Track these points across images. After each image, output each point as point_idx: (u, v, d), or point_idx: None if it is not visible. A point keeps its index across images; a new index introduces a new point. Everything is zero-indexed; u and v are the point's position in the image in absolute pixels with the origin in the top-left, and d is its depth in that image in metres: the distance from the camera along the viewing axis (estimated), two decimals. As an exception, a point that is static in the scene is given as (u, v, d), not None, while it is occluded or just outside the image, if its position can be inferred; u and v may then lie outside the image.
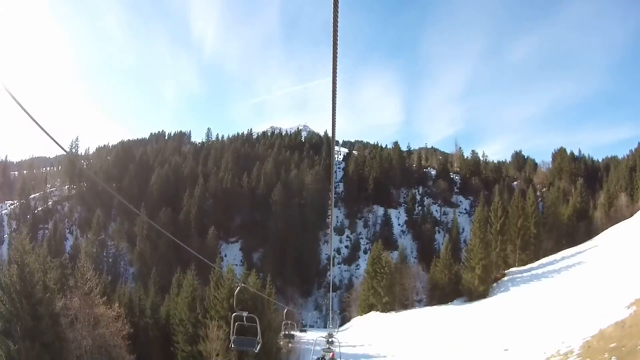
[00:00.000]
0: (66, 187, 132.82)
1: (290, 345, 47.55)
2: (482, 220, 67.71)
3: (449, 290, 65.71)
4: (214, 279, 39.30)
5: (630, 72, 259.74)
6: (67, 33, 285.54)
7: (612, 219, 75.23)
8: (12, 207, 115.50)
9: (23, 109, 3.92)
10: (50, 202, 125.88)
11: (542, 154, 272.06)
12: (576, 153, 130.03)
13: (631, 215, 71.52)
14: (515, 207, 73.48)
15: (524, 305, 49.17)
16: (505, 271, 67.74)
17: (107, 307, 30.07)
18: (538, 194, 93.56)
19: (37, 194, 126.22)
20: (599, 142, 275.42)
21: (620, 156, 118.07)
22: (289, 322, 27.39)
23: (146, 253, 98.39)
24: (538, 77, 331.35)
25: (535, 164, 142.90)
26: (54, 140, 4.55)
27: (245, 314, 13.72)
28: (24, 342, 22.12)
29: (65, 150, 5.04)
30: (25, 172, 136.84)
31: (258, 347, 14.10)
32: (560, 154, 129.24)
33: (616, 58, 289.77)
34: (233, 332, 13.93)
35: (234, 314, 13.97)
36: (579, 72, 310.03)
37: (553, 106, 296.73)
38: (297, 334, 47.86)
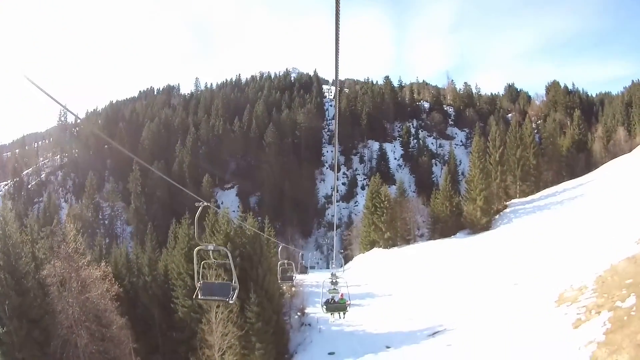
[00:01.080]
0: (58, 157, 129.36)
1: (293, 289, 47.02)
2: (480, 150, 66.62)
3: (451, 223, 65.27)
4: (209, 225, 37.94)
5: (623, 10, 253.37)
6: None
7: (611, 152, 75.40)
8: (6, 187, 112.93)
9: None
10: (43, 175, 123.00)
11: (535, 89, 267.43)
12: (570, 87, 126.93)
13: (630, 150, 70.67)
14: (513, 137, 72.43)
15: (528, 238, 48.71)
16: (507, 203, 67.33)
17: (94, 268, 28.38)
18: (534, 126, 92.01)
19: (29, 169, 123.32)
20: (590, 79, 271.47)
21: (613, 93, 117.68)
22: (286, 261, 25.10)
23: (142, 210, 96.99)
24: (530, 8, 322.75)
25: (529, 97, 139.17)
26: (50, 96, 4.42)
27: (211, 246, 9.75)
28: (12, 322, 20.83)
29: (61, 104, 4.93)
30: (17, 150, 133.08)
31: (234, 295, 9.88)
32: (554, 87, 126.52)
33: None
34: (199, 277, 9.99)
35: (196, 249, 9.96)
36: (572, 6, 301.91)
37: (545, 41, 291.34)
38: (298, 276, 47.19)
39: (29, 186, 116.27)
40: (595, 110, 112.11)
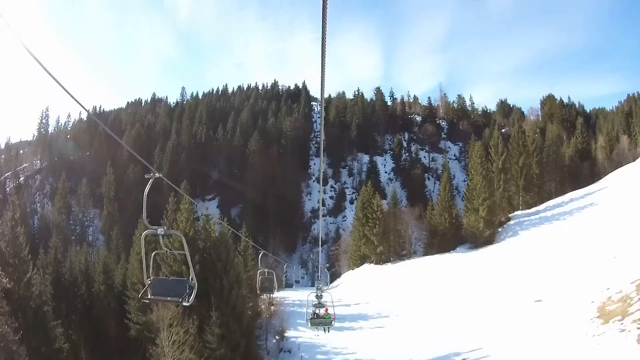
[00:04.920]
0: (37, 160, 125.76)
1: (272, 307, 40.55)
2: (482, 156, 61.14)
3: (450, 236, 59.82)
4: (166, 223, 31.67)
5: (613, 27, 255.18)
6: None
7: (615, 162, 71.90)
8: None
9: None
10: (22, 178, 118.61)
11: (528, 104, 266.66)
12: (565, 100, 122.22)
13: (634, 159, 67.43)
14: (515, 143, 67.57)
15: (539, 250, 43.52)
16: (510, 215, 61.97)
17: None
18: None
19: (8, 173, 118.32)
20: (582, 96, 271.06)
21: (607, 109, 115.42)
22: (267, 270, 19.68)
23: (115, 216, 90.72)
24: (520, 26, 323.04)
25: (522, 113, 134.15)
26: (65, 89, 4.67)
27: (161, 230, 7.41)
28: None
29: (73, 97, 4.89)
30: (3, 156, 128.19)
31: (192, 297, 7.85)
32: (549, 100, 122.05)
33: (599, 12, 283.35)
34: (149, 272, 7.89)
35: (144, 233, 7.96)
36: (562, 24, 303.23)
37: (536, 57, 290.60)
38: (281, 292, 41.20)
39: (7, 189, 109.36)
40: (592, 123, 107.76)
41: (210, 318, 26.30)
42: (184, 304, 7.87)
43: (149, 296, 7.87)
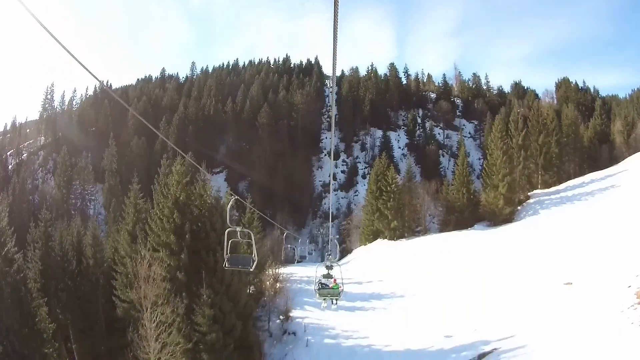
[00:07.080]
0: (41, 137, 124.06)
1: (278, 285, 37.86)
2: (502, 130, 58.37)
3: (468, 213, 57.12)
4: (157, 191, 28.94)
5: (627, 19, 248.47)
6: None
7: (632, 147, 69.67)
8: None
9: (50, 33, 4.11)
10: (24, 155, 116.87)
11: (541, 89, 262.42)
12: (580, 84, 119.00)
13: None
14: (535, 121, 64.39)
15: (563, 230, 40.68)
16: (529, 193, 59.62)
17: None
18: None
19: (11, 150, 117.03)
20: (595, 84, 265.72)
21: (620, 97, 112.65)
22: (239, 229, 15.84)
23: (116, 190, 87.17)
24: (533, 15, 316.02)
25: (537, 95, 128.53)
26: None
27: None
28: None
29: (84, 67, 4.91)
30: (9, 135, 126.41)
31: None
32: (564, 83, 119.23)
33: (613, 4, 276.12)
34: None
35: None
36: (575, 14, 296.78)
37: (548, 46, 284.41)
38: (288, 268, 38.68)
39: (9, 166, 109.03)
40: (607, 108, 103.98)
41: (200, 297, 23.69)
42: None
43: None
